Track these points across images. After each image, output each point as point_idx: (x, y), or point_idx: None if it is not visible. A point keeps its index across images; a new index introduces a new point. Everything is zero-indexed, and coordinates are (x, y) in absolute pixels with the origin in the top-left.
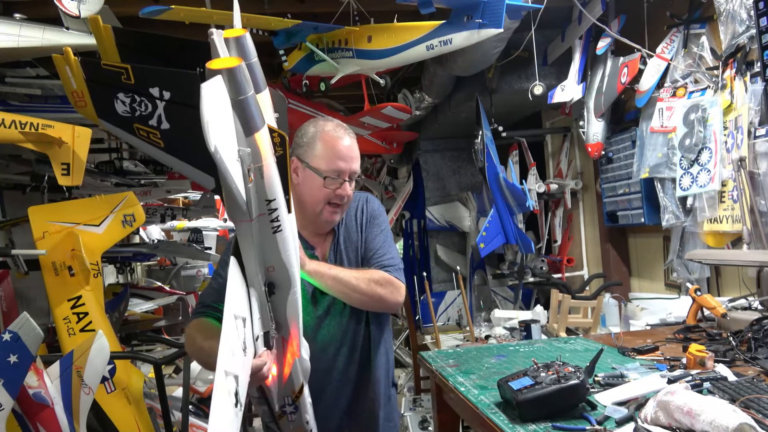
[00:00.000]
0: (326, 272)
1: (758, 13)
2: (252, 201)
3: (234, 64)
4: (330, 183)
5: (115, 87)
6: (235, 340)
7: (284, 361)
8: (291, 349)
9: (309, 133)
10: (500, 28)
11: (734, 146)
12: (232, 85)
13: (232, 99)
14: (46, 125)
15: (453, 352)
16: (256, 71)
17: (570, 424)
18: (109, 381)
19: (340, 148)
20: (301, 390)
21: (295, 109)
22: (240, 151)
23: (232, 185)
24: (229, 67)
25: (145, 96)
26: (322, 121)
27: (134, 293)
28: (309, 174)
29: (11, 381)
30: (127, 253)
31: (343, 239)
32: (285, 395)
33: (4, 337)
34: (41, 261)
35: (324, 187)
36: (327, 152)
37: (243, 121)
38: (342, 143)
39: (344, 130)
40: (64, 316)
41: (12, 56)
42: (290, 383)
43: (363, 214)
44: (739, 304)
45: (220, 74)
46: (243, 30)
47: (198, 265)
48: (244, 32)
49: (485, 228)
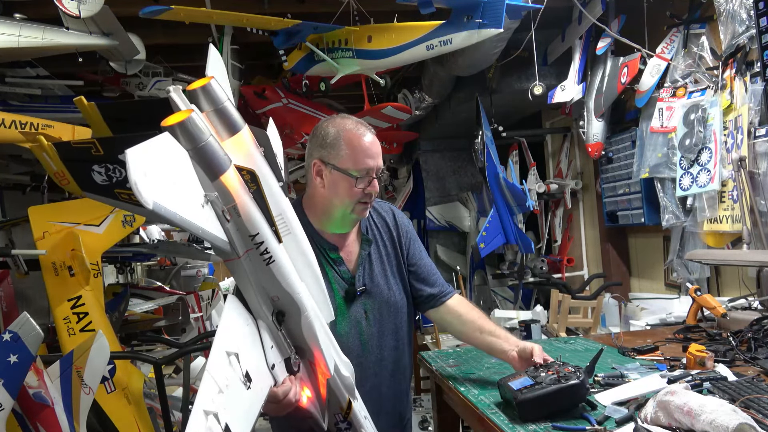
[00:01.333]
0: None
1: (758, 13)
2: (235, 239)
3: (182, 118)
4: (360, 182)
5: (88, 161)
6: (223, 378)
7: (318, 382)
8: (320, 370)
9: (331, 134)
10: (500, 28)
11: (734, 146)
12: (185, 137)
13: (190, 149)
14: (46, 125)
15: (453, 352)
16: (227, 114)
17: (570, 424)
18: (109, 381)
19: (366, 145)
20: (349, 407)
21: (295, 109)
22: (206, 196)
23: (197, 231)
24: (177, 121)
25: (116, 163)
26: (340, 120)
27: (134, 293)
28: (337, 176)
29: (11, 381)
30: (127, 253)
31: (376, 253)
32: (334, 413)
33: (4, 337)
34: (41, 261)
35: (355, 187)
36: (353, 152)
37: (205, 167)
38: (366, 140)
39: (364, 126)
40: (64, 316)
41: (12, 56)
42: (335, 401)
43: (398, 229)
44: (739, 304)
45: (171, 129)
46: (208, 78)
47: (198, 265)
48: (208, 80)
49: (485, 228)
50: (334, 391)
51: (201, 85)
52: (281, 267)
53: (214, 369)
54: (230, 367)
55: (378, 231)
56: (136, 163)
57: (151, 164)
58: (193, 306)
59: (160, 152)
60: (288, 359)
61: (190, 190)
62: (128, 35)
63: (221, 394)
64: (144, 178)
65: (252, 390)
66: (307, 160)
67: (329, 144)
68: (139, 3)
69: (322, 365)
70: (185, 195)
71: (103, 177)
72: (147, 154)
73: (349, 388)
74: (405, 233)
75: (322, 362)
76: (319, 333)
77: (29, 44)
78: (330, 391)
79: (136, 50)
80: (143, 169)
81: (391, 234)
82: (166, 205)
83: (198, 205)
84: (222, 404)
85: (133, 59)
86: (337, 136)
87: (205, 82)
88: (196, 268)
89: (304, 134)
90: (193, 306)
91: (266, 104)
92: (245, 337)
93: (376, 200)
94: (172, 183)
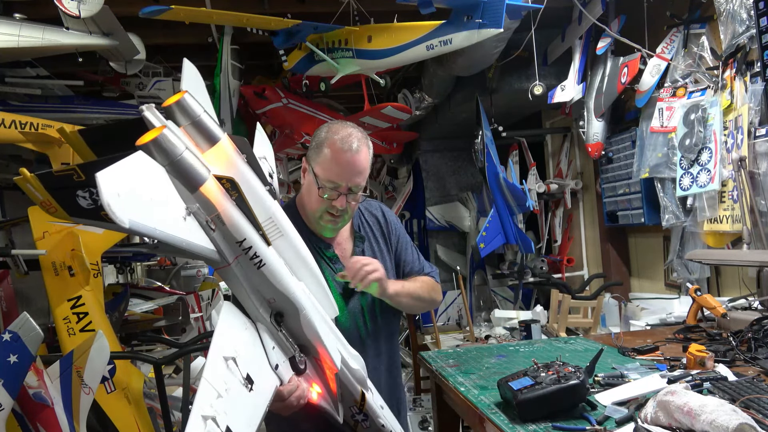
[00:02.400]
0: (402, 291)
1: (758, 13)
2: (222, 247)
3: (154, 135)
4: (324, 192)
5: (72, 187)
6: (222, 382)
7: (327, 378)
8: (327, 365)
9: (320, 138)
10: (500, 28)
11: (734, 146)
12: (159, 153)
13: (165, 164)
14: (46, 125)
15: (453, 352)
16: (204, 126)
17: (570, 424)
18: (109, 381)
19: (342, 160)
20: (363, 398)
21: (295, 109)
22: (188, 209)
23: (181, 243)
24: (149, 140)
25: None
26: (335, 127)
27: (134, 293)
28: (310, 179)
29: (11, 381)
30: (127, 253)
31: (369, 250)
32: (349, 406)
33: (4, 337)
34: (41, 261)
35: (319, 196)
36: (327, 162)
37: (183, 181)
38: (345, 156)
39: (356, 140)
40: (64, 316)
41: (12, 56)
42: (348, 394)
43: (388, 226)
44: (739, 304)
45: (144, 148)
46: (182, 93)
47: (198, 265)
48: (182, 95)
49: (485, 228)
50: (345, 384)
51: (175, 100)
52: (273, 269)
53: (211, 375)
54: (228, 372)
55: (370, 228)
56: (107, 184)
57: (125, 184)
58: (193, 306)
59: (134, 171)
60: (292, 358)
61: (170, 204)
62: (128, 35)
63: (220, 398)
64: (117, 198)
65: (255, 392)
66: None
67: (314, 146)
68: (139, 3)
69: (327, 360)
70: (164, 210)
71: (88, 201)
72: (119, 174)
73: (361, 380)
74: (394, 230)
75: (328, 357)
76: (321, 329)
77: (29, 44)
78: (341, 385)
79: (136, 50)
80: (116, 190)
81: (382, 230)
82: (144, 221)
83: (180, 218)
84: (222, 408)
85: (133, 59)
86: (323, 141)
87: (179, 97)
88: (196, 268)
89: (304, 134)
90: (193, 306)
91: (266, 104)
92: (243, 341)
93: (366, 200)
94: (149, 200)
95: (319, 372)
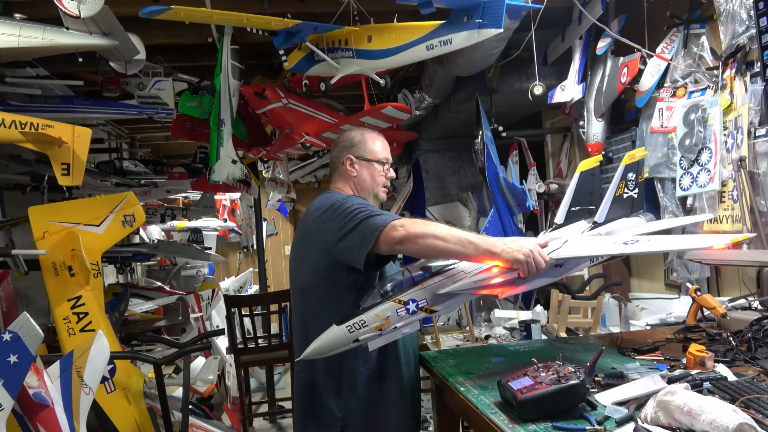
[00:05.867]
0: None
1: (758, 13)
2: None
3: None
4: (386, 168)
5: None
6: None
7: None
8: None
9: (357, 137)
10: (500, 28)
11: (734, 146)
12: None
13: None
14: (46, 125)
15: (453, 352)
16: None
17: (570, 424)
18: (109, 381)
19: (384, 142)
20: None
21: (295, 109)
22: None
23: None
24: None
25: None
26: (357, 129)
27: (134, 293)
28: (368, 165)
29: (11, 381)
30: (127, 253)
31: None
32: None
33: (4, 337)
34: (41, 261)
35: (382, 173)
36: (378, 146)
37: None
38: (382, 139)
39: (377, 132)
40: (64, 316)
41: (12, 56)
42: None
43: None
44: (739, 304)
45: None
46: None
47: (198, 265)
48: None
49: (485, 228)
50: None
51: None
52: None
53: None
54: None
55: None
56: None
57: None
58: (193, 306)
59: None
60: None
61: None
62: (128, 35)
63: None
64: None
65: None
66: (336, 161)
67: (357, 143)
68: (139, 3)
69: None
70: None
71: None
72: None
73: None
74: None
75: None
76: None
77: (29, 44)
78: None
79: (136, 50)
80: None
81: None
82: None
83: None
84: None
85: (133, 59)
86: (362, 137)
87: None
88: (196, 268)
89: (304, 134)
90: (193, 306)
91: (266, 104)
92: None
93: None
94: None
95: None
